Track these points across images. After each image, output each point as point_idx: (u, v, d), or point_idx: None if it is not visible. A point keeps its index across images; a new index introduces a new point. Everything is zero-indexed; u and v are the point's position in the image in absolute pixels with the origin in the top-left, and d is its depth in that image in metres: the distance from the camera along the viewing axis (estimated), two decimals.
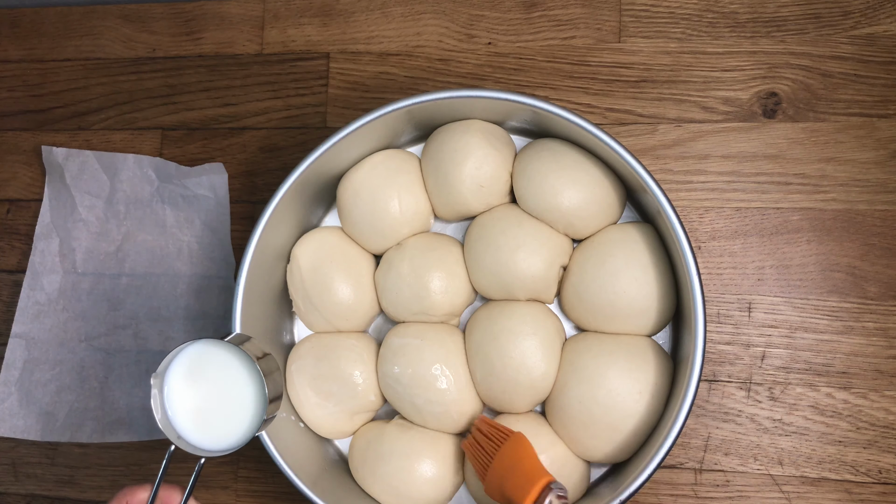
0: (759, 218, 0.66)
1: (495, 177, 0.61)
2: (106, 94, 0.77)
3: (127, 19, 0.78)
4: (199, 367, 0.49)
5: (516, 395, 0.59)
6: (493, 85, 0.71)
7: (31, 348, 0.73)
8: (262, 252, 0.60)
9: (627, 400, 0.56)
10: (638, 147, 0.68)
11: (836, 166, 0.65)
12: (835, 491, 0.62)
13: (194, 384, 0.49)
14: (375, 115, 0.57)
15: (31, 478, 0.73)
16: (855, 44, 0.66)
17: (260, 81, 0.75)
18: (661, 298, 0.58)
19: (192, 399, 0.49)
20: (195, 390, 0.49)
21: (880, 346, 0.63)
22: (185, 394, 0.49)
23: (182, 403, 0.49)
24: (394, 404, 0.62)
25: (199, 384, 0.49)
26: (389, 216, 0.62)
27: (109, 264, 0.74)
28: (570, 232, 0.61)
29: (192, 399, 0.49)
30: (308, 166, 0.58)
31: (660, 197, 0.55)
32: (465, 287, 0.62)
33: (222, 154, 0.74)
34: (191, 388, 0.49)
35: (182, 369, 0.49)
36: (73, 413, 0.72)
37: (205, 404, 0.49)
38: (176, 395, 0.49)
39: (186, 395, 0.49)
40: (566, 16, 0.71)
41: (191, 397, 0.49)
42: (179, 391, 0.49)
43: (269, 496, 0.70)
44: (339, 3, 0.75)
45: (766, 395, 0.64)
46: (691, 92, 0.68)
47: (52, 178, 0.75)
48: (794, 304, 0.65)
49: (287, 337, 0.67)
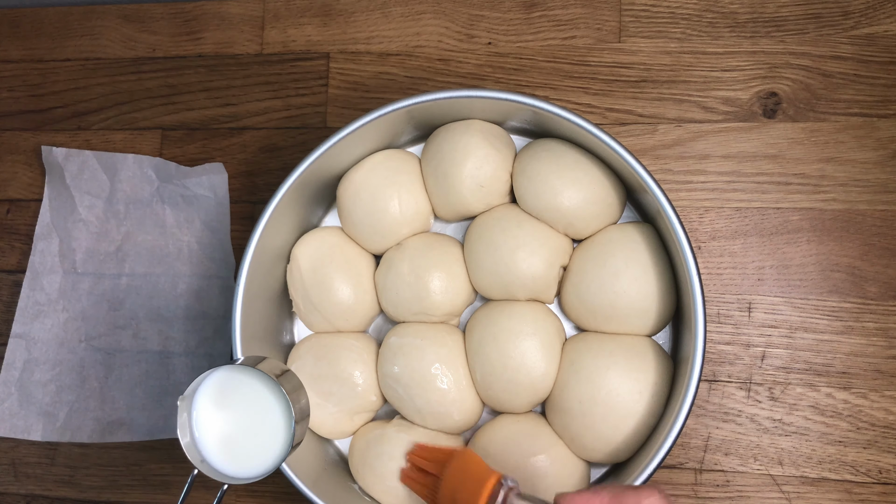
0: (759, 218, 0.66)
1: (495, 177, 0.61)
2: (106, 94, 0.77)
3: (127, 19, 0.78)
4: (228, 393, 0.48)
5: (516, 395, 0.59)
6: (493, 85, 0.71)
7: (31, 348, 0.73)
8: (262, 252, 0.60)
9: (627, 400, 0.56)
10: (638, 147, 0.68)
11: (836, 166, 0.65)
12: (835, 491, 0.62)
13: (223, 410, 0.48)
14: (375, 115, 0.57)
15: (31, 478, 0.73)
16: (855, 44, 0.67)
17: (260, 81, 0.75)
18: (661, 298, 0.58)
19: (221, 425, 0.48)
20: (224, 416, 0.48)
21: (880, 346, 0.63)
22: (213, 419, 0.48)
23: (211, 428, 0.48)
24: (394, 404, 0.62)
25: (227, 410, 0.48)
26: (389, 216, 0.62)
27: (109, 264, 0.74)
28: (570, 232, 0.61)
29: (221, 425, 0.48)
30: (308, 166, 0.58)
31: (660, 197, 0.55)
32: (465, 287, 0.62)
33: (222, 154, 0.74)
34: (219, 413, 0.48)
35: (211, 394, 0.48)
36: (73, 413, 0.72)
37: (233, 431, 0.48)
38: (204, 419, 0.48)
39: (215, 420, 0.48)
40: (566, 16, 0.71)
41: (219, 423, 0.48)
42: (208, 416, 0.48)
43: (268, 496, 0.70)
44: (339, 3, 0.75)
45: (766, 395, 0.64)
46: (691, 92, 0.68)
47: (51, 178, 0.75)
48: (794, 304, 0.65)
49: (287, 337, 0.67)
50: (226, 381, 0.48)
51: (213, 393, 0.48)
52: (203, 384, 0.48)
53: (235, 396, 0.48)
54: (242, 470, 0.48)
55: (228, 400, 0.48)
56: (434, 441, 0.60)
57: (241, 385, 0.48)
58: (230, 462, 0.48)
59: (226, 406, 0.48)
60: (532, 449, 0.58)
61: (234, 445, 0.48)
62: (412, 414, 0.61)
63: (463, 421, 0.61)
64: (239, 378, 0.48)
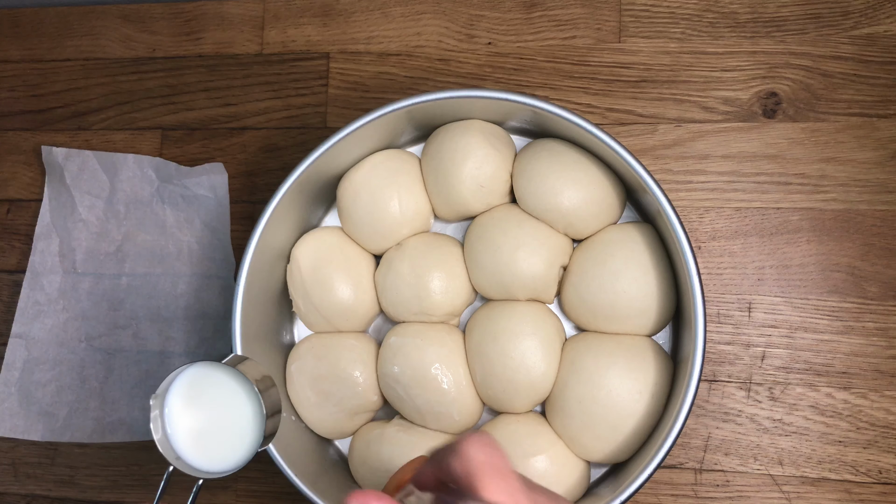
0: (759, 218, 0.66)
1: (495, 177, 0.61)
2: (106, 94, 0.77)
3: (127, 19, 0.78)
4: (198, 390, 0.49)
5: (516, 395, 0.59)
6: (493, 85, 0.71)
7: (31, 348, 0.73)
8: (262, 252, 0.60)
9: (627, 400, 0.56)
10: (638, 147, 0.68)
11: (836, 166, 0.65)
12: (835, 491, 0.62)
13: (193, 406, 0.49)
14: (375, 115, 0.57)
15: (31, 478, 0.73)
16: (855, 44, 0.67)
17: (260, 81, 0.75)
18: (661, 298, 0.58)
19: (192, 421, 0.49)
20: (194, 412, 0.49)
21: (880, 346, 0.63)
22: (184, 415, 0.49)
23: (181, 425, 0.49)
24: (394, 404, 0.62)
25: (198, 406, 0.49)
26: (389, 216, 0.62)
27: (109, 264, 0.74)
28: (570, 232, 0.61)
29: (192, 421, 0.49)
30: (308, 166, 0.58)
31: (660, 197, 0.55)
32: (465, 287, 0.62)
33: (222, 154, 0.74)
34: (190, 409, 0.49)
35: (181, 391, 0.49)
36: (73, 413, 0.72)
37: (204, 426, 0.49)
38: (175, 416, 0.49)
39: (185, 416, 0.49)
40: (566, 16, 0.71)
41: (190, 419, 0.49)
42: (179, 412, 0.49)
43: (269, 496, 0.70)
44: (339, 3, 0.75)
45: (766, 395, 0.64)
46: (691, 92, 0.68)
47: (51, 178, 0.75)
48: (794, 304, 0.65)
49: (287, 337, 0.67)
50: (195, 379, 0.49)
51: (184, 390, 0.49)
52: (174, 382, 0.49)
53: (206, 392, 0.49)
54: (214, 464, 0.49)
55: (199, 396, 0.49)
56: (434, 440, 0.60)
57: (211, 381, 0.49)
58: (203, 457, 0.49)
59: (197, 402, 0.49)
60: (532, 449, 0.58)
61: (206, 440, 0.49)
62: (412, 414, 0.61)
63: (463, 421, 0.61)
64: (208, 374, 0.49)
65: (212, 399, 0.49)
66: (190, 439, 0.49)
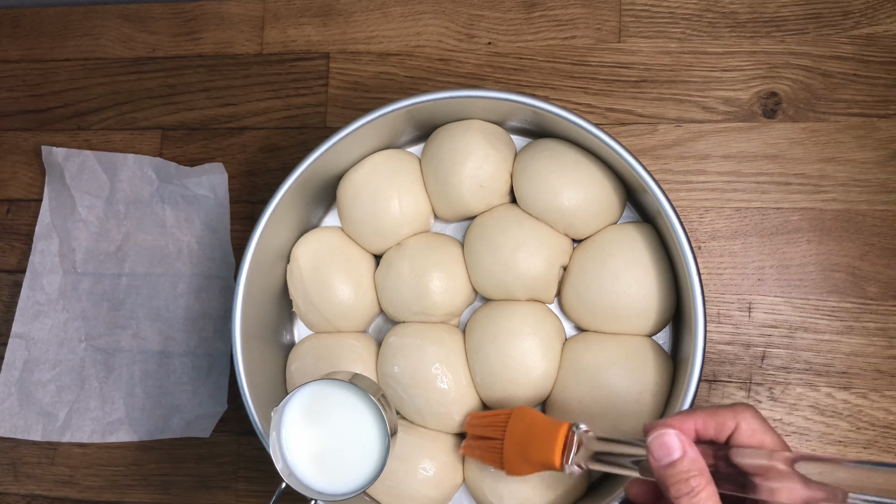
0: (759, 218, 0.66)
1: (495, 177, 0.61)
2: (106, 94, 0.77)
3: (127, 19, 0.78)
4: (318, 409, 0.48)
5: (516, 396, 0.59)
6: (493, 85, 0.71)
7: (31, 348, 0.73)
8: (262, 252, 0.60)
9: (627, 400, 0.56)
10: (638, 147, 0.68)
11: (836, 166, 0.65)
12: None
13: (314, 425, 0.48)
14: (375, 115, 0.57)
15: (31, 478, 0.73)
16: (855, 44, 0.67)
17: (260, 81, 0.75)
18: (661, 298, 0.58)
19: (312, 440, 0.48)
20: (315, 432, 0.48)
21: (880, 346, 0.63)
22: (304, 436, 0.48)
23: (302, 446, 0.48)
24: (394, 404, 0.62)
25: (318, 425, 0.48)
26: (389, 216, 0.62)
27: (109, 264, 0.74)
28: (570, 232, 0.61)
29: (312, 440, 0.48)
30: (308, 166, 0.58)
31: (660, 197, 0.55)
32: (465, 287, 0.62)
33: (222, 154, 0.74)
34: (310, 429, 0.48)
35: (300, 411, 0.48)
36: (73, 413, 0.72)
37: (325, 446, 0.48)
38: (294, 437, 0.48)
39: (306, 437, 0.48)
40: (566, 16, 0.71)
41: (310, 439, 0.48)
42: (298, 433, 0.48)
43: (269, 496, 0.70)
44: (339, 3, 0.75)
45: (766, 395, 0.64)
46: (691, 92, 0.68)
47: (51, 178, 0.75)
48: (794, 304, 0.65)
49: (287, 337, 0.67)
50: (314, 398, 0.48)
51: (303, 410, 0.48)
52: (292, 399, 0.48)
53: (327, 411, 0.48)
54: (335, 486, 0.47)
55: (319, 415, 0.48)
56: (434, 440, 0.60)
57: (332, 400, 0.48)
58: (322, 478, 0.47)
59: (316, 421, 0.48)
60: None
61: (327, 461, 0.48)
62: (412, 414, 0.61)
63: (463, 421, 0.61)
64: (328, 393, 0.48)
65: (334, 418, 0.48)
66: (310, 461, 0.47)
